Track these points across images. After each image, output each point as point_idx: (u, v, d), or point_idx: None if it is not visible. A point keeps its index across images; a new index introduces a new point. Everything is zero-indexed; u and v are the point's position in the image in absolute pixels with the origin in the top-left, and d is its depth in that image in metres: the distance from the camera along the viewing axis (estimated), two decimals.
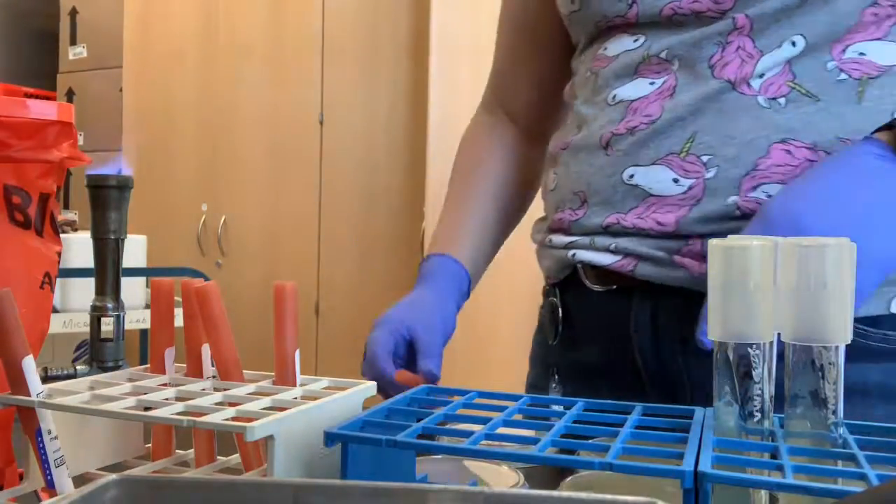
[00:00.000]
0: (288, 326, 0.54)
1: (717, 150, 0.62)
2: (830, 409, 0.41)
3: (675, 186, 0.63)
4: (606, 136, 0.68)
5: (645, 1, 0.66)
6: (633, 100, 0.67)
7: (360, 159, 2.72)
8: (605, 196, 0.67)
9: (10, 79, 3.27)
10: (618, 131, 0.67)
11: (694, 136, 0.63)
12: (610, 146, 0.67)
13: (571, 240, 0.71)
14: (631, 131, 0.66)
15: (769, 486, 0.37)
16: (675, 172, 0.63)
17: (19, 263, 0.56)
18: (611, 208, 0.67)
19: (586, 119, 0.71)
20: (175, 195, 3.03)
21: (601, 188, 0.68)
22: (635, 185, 0.65)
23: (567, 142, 0.73)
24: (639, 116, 0.66)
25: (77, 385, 0.54)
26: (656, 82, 0.66)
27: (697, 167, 0.63)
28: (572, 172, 0.71)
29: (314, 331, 2.77)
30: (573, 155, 0.72)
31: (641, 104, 0.66)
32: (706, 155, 0.62)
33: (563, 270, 0.75)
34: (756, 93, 0.62)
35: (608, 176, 0.67)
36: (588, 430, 0.45)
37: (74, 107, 0.56)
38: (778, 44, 0.62)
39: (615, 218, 0.66)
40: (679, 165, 0.63)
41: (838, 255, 0.40)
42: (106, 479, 0.31)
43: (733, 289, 0.41)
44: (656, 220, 0.64)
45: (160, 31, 3.06)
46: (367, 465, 0.44)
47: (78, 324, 1.90)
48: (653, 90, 0.66)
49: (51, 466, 0.50)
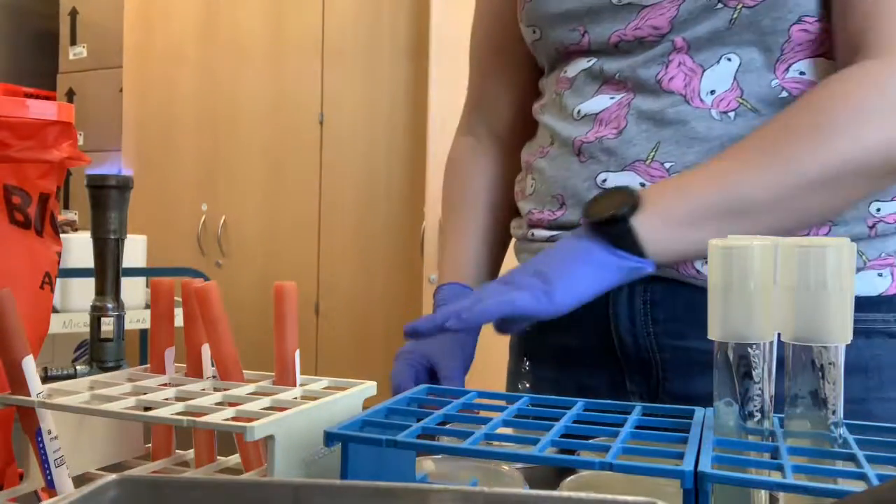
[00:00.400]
0: (288, 326, 0.54)
1: (679, 157, 0.69)
2: (830, 409, 0.41)
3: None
4: (578, 145, 0.75)
5: (594, 31, 0.74)
6: (598, 112, 0.74)
7: (360, 159, 2.72)
8: (582, 197, 0.74)
9: (10, 79, 3.27)
10: (587, 140, 0.74)
11: (658, 146, 0.70)
12: (582, 153, 0.75)
13: (552, 234, 0.77)
14: (600, 140, 0.73)
15: (769, 486, 0.37)
16: (642, 177, 0.71)
17: (19, 263, 0.56)
18: None
19: (557, 132, 0.78)
20: (175, 195, 3.03)
21: (578, 191, 0.74)
22: (608, 188, 0.72)
23: (544, 151, 0.80)
24: (607, 128, 0.73)
25: (77, 385, 0.54)
26: (616, 97, 0.74)
27: (661, 173, 0.70)
28: (549, 178, 0.78)
29: (314, 331, 2.77)
30: (550, 163, 0.78)
31: (606, 115, 0.74)
32: (669, 162, 0.70)
33: None
34: (709, 107, 0.69)
35: (584, 180, 0.74)
36: (588, 430, 0.45)
37: (74, 107, 0.56)
38: (716, 60, 0.70)
39: None
40: (645, 171, 0.71)
41: (838, 256, 0.40)
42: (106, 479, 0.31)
43: (733, 289, 0.41)
44: None
45: (160, 31, 3.05)
46: (367, 465, 0.44)
47: (78, 324, 1.90)
48: (613, 103, 0.74)
49: (51, 466, 0.50)
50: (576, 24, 0.75)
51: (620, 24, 0.72)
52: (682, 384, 0.73)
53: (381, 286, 2.65)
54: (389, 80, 2.65)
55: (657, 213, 0.62)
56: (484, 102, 0.93)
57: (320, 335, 2.77)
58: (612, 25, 0.73)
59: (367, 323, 2.69)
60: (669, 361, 0.72)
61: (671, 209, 0.63)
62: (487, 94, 0.92)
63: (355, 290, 2.71)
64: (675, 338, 0.72)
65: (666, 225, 0.62)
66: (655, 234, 0.62)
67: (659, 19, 0.70)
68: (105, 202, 0.69)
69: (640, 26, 0.71)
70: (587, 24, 0.74)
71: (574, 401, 0.50)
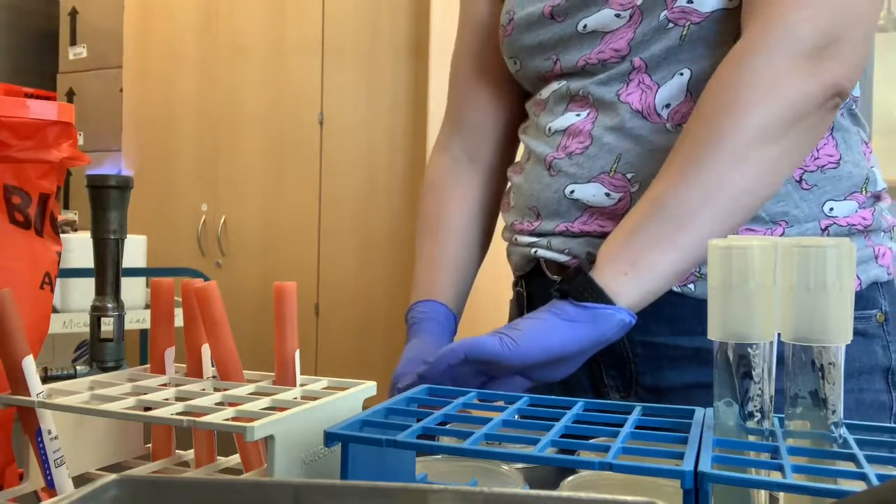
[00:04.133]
0: (288, 326, 0.54)
1: (640, 168, 0.75)
2: (830, 409, 0.41)
3: (608, 199, 0.76)
4: (549, 160, 0.81)
5: (564, 58, 0.81)
6: (565, 128, 0.80)
7: (360, 159, 2.72)
8: (553, 209, 0.80)
9: (10, 79, 3.27)
10: (557, 156, 0.80)
11: (619, 158, 0.76)
12: (552, 168, 0.80)
13: (533, 240, 0.84)
14: (569, 155, 0.79)
15: (769, 486, 0.37)
16: (606, 188, 0.76)
17: (19, 263, 0.56)
18: (559, 218, 0.80)
19: (532, 149, 0.85)
20: (175, 195, 3.03)
21: (549, 202, 0.81)
22: (576, 199, 0.78)
23: (521, 167, 0.87)
24: (574, 143, 0.79)
25: (77, 385, 0.54)
26: (581, 114, 0.80)
27: (624, 183, 0.76)
28: (525, 192, 0.84)
29: (314, 331, 2.77)
30: (525, 177, 0.85)
31: (573, 130, 0.80)
32: (630, 173, 0.75)
33: (528, 264, 0.86)
34: (665, 121, 0.75)
35: (554, 192, 0.80)
36: (588, 430, 0.45)
37: (74, 107, 0.56)
38: (671, 76, 0.75)
39: (564, 226, 0.79)
40: (609, 182, 0.76)
41: (838, 256, 0.40)
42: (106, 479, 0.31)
43: (733, 289, 0.41)
44: (599, 224, 0.78)
45: (160, 31, 3.05)
46: (367, 465, 0.44)
47: (78, 324, 1.90)
48: (579, 120, 0.80)
49: (51, 466, 0.50)
50: (549, 52, 0.82)
51: (587, 49, 0.79)
52: (653, 377, 0.78)
53: (381, 286, 2.65)
54: (389, 80, 2.65)
55: (610, 259, 0.67)
56: (462, 124, 0.96)
57: (320, 335, 2.77)
58: (580, 51, 0.79)
59: (367, 323, 2.69)
60: (641, 356, 0.78)
61: (621, 250, 0.67)
62: (466, 116, 0.95)
63: (355, 290, 2.71)
64: (644, 334, 0.75)
65: (621, 265, 0.66)
66: (615, 278, 0.65)
67: (619, 42, 0.77)
68: (105, 202, 0.69)
69: (604, 49, 0.78)
70: (559, 53, 0.81)
71: (574, 401, 0.50)
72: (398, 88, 2.64)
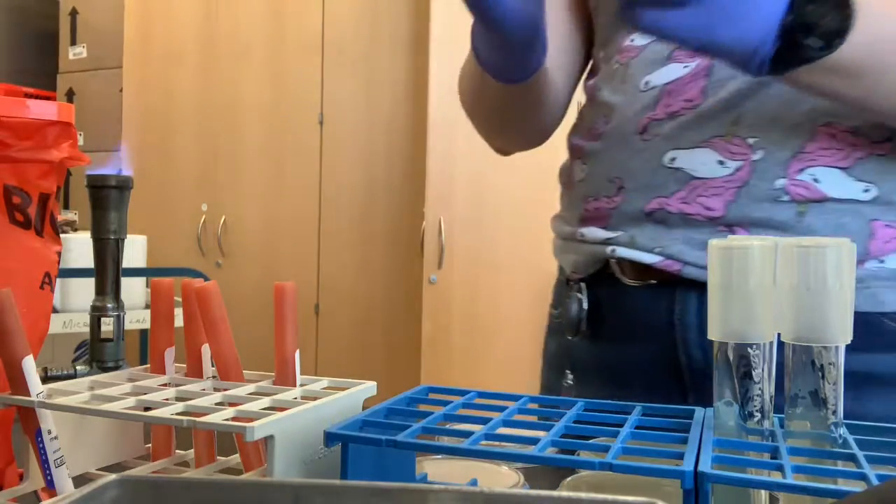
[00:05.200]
0: (288, 326, 0.54)
1: (765, 132, 0.62)
2: (830, 409, 0.41)
3: (721, 168, 0.62)
4: (643, 121, 0.66)
5: None
6: (667, 83, 0.66)
7: (360, 159, 2.72)
8: (644, 180, 0.66)
9: (10, 79, 3.27)
10: (656, 116, 0.66)
11: (738, 119, 0.62)
12: (647, 131, 0.66)
13: (610, 235, 0.68)
14: (671, 116, 0.65)
15: (769, 486, 0.37)
16: (720, 154, 0.62)
17: (19, 263, 0.56)
18: (651, 192, 0.65)
19: (616, 108, 0.70)
20: (175, 195, 3.03)
21: (639, 172, 0.66)
22: (677, 167, 0.64)
23: (596, 132, 0.71)
24: (678, 101, 0.65)
25: (77, 385, 0.54)
26: (690, 65, 0.65)
27: (744, 149, 0.62)
28: (605, 160, 0.69)
29: (314, 331, 2.77)
30: (605, 144, 0.70)
31: (676, 87, 0.65)
32: (752, 137, 0.62)
33: (593, 265, 0.72)
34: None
35: (647, 160, 0.66)
36: (588, 430, 0.45)
37: (74, 107, 0.56)
38: None
39: (658, 203, 0.65)
40: (724, 147, 0.62)
41: (838, 255, 0.40)
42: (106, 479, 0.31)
43: (733, 289, 0.41)
44: (703, 204, 0.63)
45: (160, 31, 3.06)
46: (367, 465, 0.44)
47: (78, 324, 1.90)
48: (686, 73, 0.65)
49: (51, 466, 0.50)
50: None
51: None
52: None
53: (381, 286, 2.65)
54: (389, 80, 2.65)
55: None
56: None
57: (320, 335, 2.77)
58: None
59: (367, 323, 2.69)
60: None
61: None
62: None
63: (355, 290, 2.71)
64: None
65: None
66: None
67: None
68: (105, 202, 0.69)
69: None
70: None
71: (574, 401, 0.50)
72: (398, 88, 2.64)
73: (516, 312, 2.48)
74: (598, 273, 0.71)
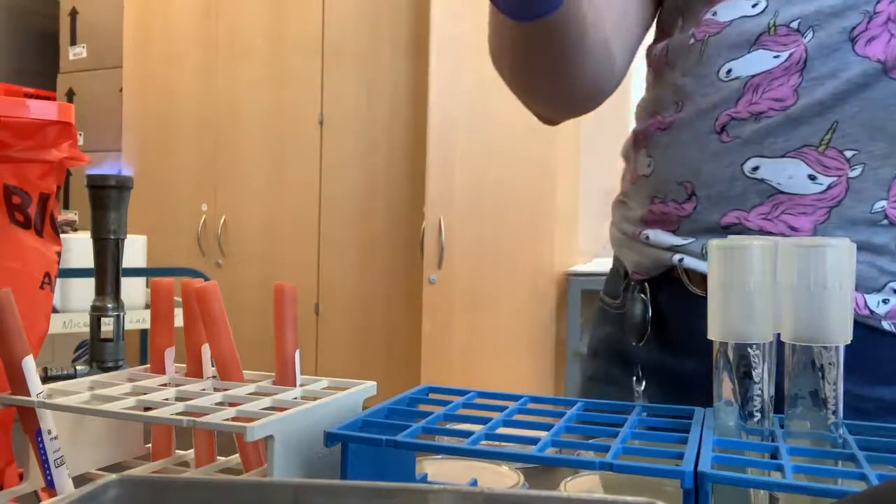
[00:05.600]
0: (288, 326, 0.54)
1: (864, 144, 0.54)
2: (830, 409, 0.41)
3: (812, 185, 0.55)
4: (723, 118, 0.58)
5: None
6: (753, 75, 0.57)
7: (360, 159, 2.72)
8: (720, 189, 0.58)
9: (10, 79, 3.27)
10: (738, 114, 0.57)
11: (835, 127, 0.54)
12: (726, 131, 0.58)
13: (679, 242, 0.61)
14: (756, 117, 0.57)
15: (769, 486, 0.37)
16: (812, 168, 0.55)
17: (19, 263, 0.56)
18: (728, 204, 0.58)
19: (689, 95, 0.61)
20: (175, 195, 3.03)
21: (715, 179, 0.58)
22: (760, 178, 0.56)
23: (665, 121, 0.63)
24: (765, 99, 0.56)
25: (77, 385, 0.54)
26: (781, 55, 0.56)
27: (839, 163, 0.54)
28: (675, 157, 0.61)
29: (314, 331, 2.77)
30: (675, 137, 0.61)
31: (763, 81, 0.57)
32: (850, 150, 0.54)
33: (657, 269, 0.65)
34: None
35: (725, 166, 0.58)
36: (588, 430, 0.45)
37: (74, 107, 0.56)
38: None
39: (736, 216, 0.58)
40: (816, 160, 0.55)
41: (838, 255, 0.40)
42: (106, 479, 0.31)
43: (733, 289, 0.41)
44: (788, 223, 0.56)
45: (160, 31, 3.06)
46: (367, 465, 0.44)
47: (78, 324, 1.90)
48: (777, 64, 0.56)
49: (51, 466, 0.50)
50: None
51: None
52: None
53: (381, 286, 2.65)
54: (389, 80, 2.66)
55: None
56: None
57: (320, 335, 2.77)
58: None
59: (367, 323, 2.69)
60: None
61: None
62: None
63: (355, 290, 2.71)
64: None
65: None
66: None
67: None
68: (105, 202, 0.69)
69: None
70: None
71: (574, 401, 0.50)
72: (398, 88, 2.64)
73: (516, 312, 2.48)
74: (662, 276, 0.65)
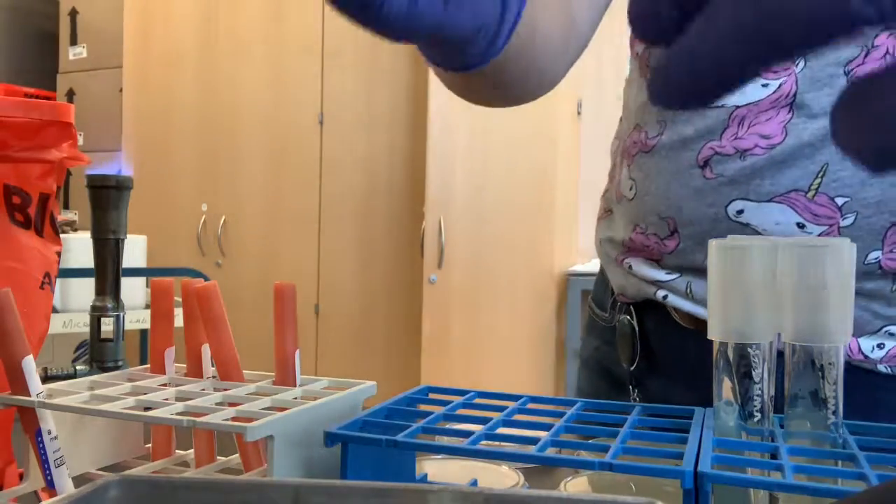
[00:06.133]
0: (288, 326, 0.54)
1: (856, 190, 0.50)
2: (830, 409, 0.41)
3: (801, 233, 0.51)
4: (706, 151, 0.54)
5: None
6: (739, 106, 0.53)
7: (360, 159, 2.72)
8: (703, 228, 0.55)
9: (10, 79, 3.27)
10: (722, 149, 0.53)
11: (825, 170, 0.50)
12: (709, 166, 0.54)
13: (663, 278, 0.58)
14: (741, 154, 0.53)
15: (769, 486, 0.37)
16: (801, 215, 0.51)
17: (19, 263, 0.56)
18: None
19: (671, 117, 0.57)
20: (175, 195, 3.03)
21: (697, 219, 0.55)
22: (745, 223, 0.53)
23: (648, 143, 0.59)
24: (751, 135, 0.53)
25: (77, 385, 0.54)
26: (770, 84, 0.52)
27: (831, 211, 0.50)
28: (657, 189, 0.57)
29: (314, 331, 2.77)
30: (657, 165, 0.57)
31: (750, 113, 0.53)
32: (841, 196, 0.50)
33: (642, 297, 0.62)
34: None
35: (708, 205, 0.54)
36: (588, 430, 0.45)
37: (74, 107, 0.56)
38: None
39: None
40: (805, 207, 0.51)
41: (838, 255, 0.40)
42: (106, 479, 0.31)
43: (733, 289, 0.41)
44: None
45: (160, 31, 3.06)
46: (367, 465, 0.44)
47: (78, 324, 1.90)
48: (765, 95, 0.52)
49: (51, 466, 0.50)
50: None
51: None
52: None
53: (381, 286, 2.65)
54: (389, 80, 2.66)
55: None
56: None
57: (320, 335, 2.77)
58: None
59: (367, 323, 2.69)
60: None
61: None
62: None
63: (355, 290, 2.71)
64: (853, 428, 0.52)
65: None
66: None
67: None
68: (105, 202, 0.69)
69: None
70: None
71: (574, 401, 0.50)
72: (398, 88, 2.64)
73: (516, 312, 2.48)
74: (647, 302, 0.62)
